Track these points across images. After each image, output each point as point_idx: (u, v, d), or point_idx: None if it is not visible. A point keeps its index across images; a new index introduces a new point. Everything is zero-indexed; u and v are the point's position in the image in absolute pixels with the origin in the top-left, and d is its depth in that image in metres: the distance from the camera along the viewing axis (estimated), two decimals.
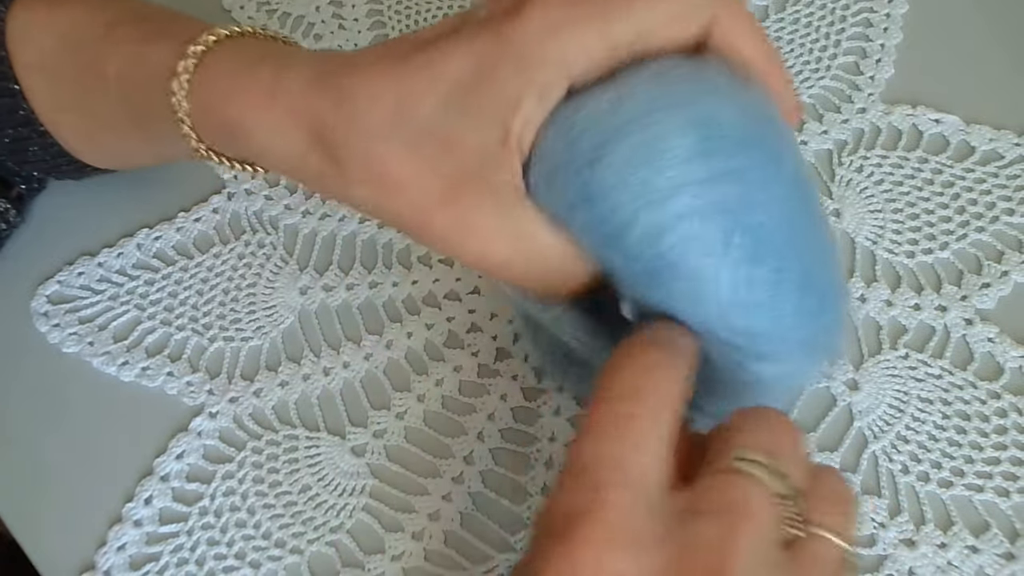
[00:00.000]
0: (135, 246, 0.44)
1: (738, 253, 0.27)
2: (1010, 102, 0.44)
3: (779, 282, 0.28)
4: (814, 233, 0.30)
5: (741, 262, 0.27)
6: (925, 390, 0.38)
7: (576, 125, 0.28)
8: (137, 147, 0.38)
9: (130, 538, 0.37)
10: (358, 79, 0.29)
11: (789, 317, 0.28)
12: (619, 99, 0.28)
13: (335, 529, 0.37)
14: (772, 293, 0.28)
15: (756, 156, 0.28)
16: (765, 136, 0.29)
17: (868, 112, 0.45)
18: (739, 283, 0.27)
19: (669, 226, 0.27)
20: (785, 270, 0.28)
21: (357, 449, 0.38)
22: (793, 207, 0.29)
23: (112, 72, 0.35)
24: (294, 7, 0.50)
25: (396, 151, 0.28)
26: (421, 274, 0.42)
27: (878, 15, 0.47)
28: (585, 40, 0.28)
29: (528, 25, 0.28)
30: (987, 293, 0.40)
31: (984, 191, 0.42)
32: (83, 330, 0.42)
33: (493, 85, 0.28)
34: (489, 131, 0.28)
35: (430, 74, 0.28)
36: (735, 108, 0.29)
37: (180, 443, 0.39)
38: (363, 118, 0.29)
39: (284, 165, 0.31)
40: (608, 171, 0.28)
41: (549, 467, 0.38)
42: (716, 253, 0.27)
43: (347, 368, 0.40)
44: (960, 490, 0.36)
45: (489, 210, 0.28)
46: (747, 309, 0.28)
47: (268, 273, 0.43)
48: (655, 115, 0.28)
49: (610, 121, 0.28)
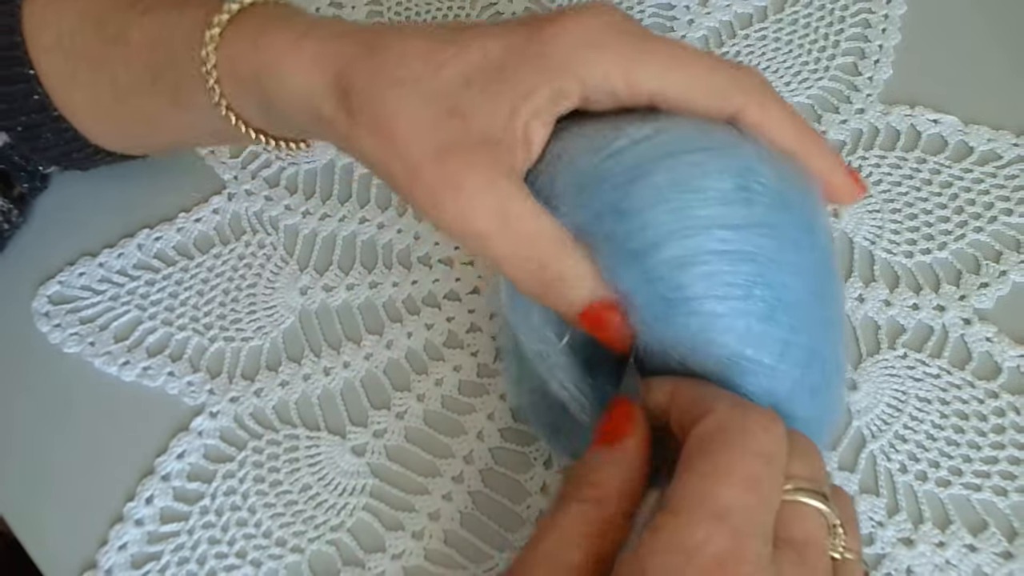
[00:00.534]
0: (136, 246, 0.44)
1: (757, 306, 0.27)
2: (1008, 102, 0.44)
3: (787, 348, 0.28)
4: (831, 311, 0.30)
5: (757, 316, 0.27)
6: (923, 389, 0.38)
7: (616, 143, 0.29)
8: (153, 117, 0.38)
9: (131, 537, 0.37)
10: (392, 39, 0.31)
11: (789, 387, 0.28)
12: (662, 129, 0.29)
13: (336, 528, 0.37)
14: (779, 358, 0.28)
15: (791, 218, 0.29)
16: (802, 204, 0.29)
17: (866, 113, 0.45)
18: (750, 337, 0.27)
19: (697, 259, 0.27)
20: (796, 337, 0.28)
21: (357, 448, 0.39)
22: (817, 278, 0.29)
23: (137, 38, 0.35)
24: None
25: (408, 107, 0.30)
26: (421, 274, 0.42)
27: (876, 16, 0.48)
28: (608, 69, 0.29)
29: (562, 34, 0.30)
30: (985, 293, 0.40)
31: (982, 191, 0.42)
32: (84, 330, 0.42)
33: (514, 75, 0.29)
34: (499, 112, 0.29)
35: (461, 51, 0.30)
36: (774, 169, 0.29)
37: (181, 442, 0.39)
38: (387, 70, 0.30)
39: (298, 106, 0.32)
40: (648, 191, 0.28)
41: (548, 466, 0.38)
42: (735, 298, 0.27)
43: (347, 368, 0.40)
44: (958, 489, 0.36)
45: (480, 176, 0.29)
46: (750, 366, 0.28)
47: (268, 273, 0.43)
48: (698, 154, 0.28)
49: (655, 148, 0.28)
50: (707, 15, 0.49)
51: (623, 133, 0.29)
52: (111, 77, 0.37)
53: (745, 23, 0.48)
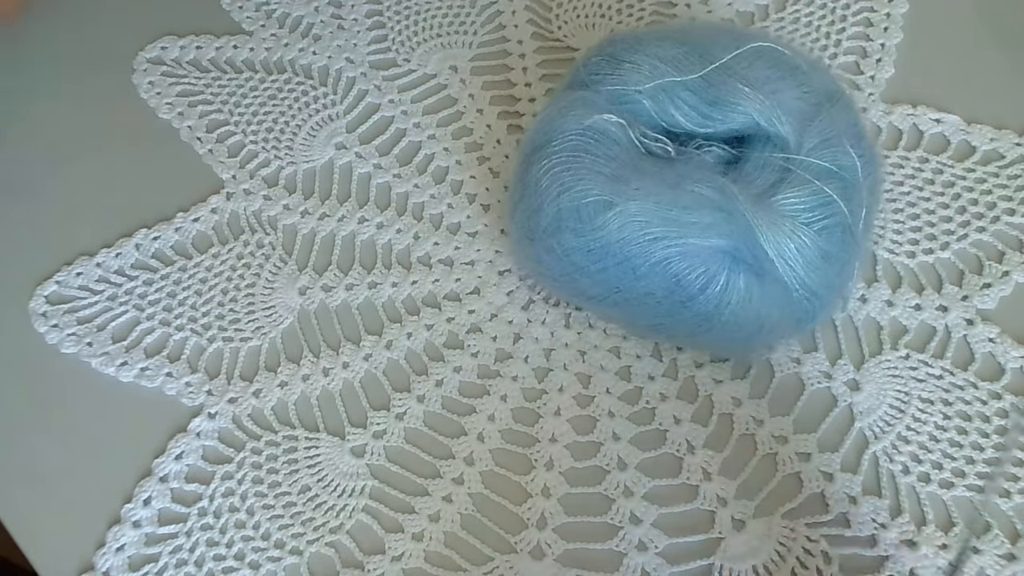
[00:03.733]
0: (134, 246, 0.43)
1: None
2: (1011, 102, 0.44)
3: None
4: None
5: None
6: (926, 390, 0.38)
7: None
8: None
9: (129, 539, 0.37)
10: None
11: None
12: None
13: (335, 530, 0.37)
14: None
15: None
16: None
17: (869, 112, 0.44)
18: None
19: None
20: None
21: (357, 450, 0.38)
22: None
23: None
24: (294, 7, 0.50)
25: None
26: (421, 274, 0.42)
27: (878, 15, 0.47)
28: None
29: None
30: (988, 293, 0.39)
31: (985, 191, 0.42)
32: (82, 331, 0.42)
33: None
34: None
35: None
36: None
37: (179, 444, 0.39)
38: None
39: None
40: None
41: (549, 468, 0.37)
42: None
43: (346, 368, 0.40)
44: (961, 491, 0.36)
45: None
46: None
47: (267, 273, 0.43)
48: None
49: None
50: (708, 14, 0.49)
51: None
52: None
53: (747, 22, 0.48)
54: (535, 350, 0.40)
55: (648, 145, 0.37)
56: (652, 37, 0.39)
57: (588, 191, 0.35)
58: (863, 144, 0.37)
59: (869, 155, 0.37)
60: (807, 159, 0.36)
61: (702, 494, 0.37)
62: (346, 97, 0.47)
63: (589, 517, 0.36)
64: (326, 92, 0.47)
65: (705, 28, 0.44)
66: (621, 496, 0.37)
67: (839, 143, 0.36)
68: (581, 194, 0.35)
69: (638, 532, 0.36)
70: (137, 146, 0.46)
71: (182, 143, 0.46)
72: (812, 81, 0.37)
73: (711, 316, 0.34)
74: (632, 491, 0.37)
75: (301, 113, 0.47)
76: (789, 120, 0.36)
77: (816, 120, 0.36)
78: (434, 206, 0.44)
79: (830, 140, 0.36)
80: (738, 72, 0.37)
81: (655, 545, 0.36)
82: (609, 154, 0.36)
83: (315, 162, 0.45)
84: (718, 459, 0.37)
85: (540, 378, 0.39)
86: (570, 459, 0.38)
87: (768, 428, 0.38)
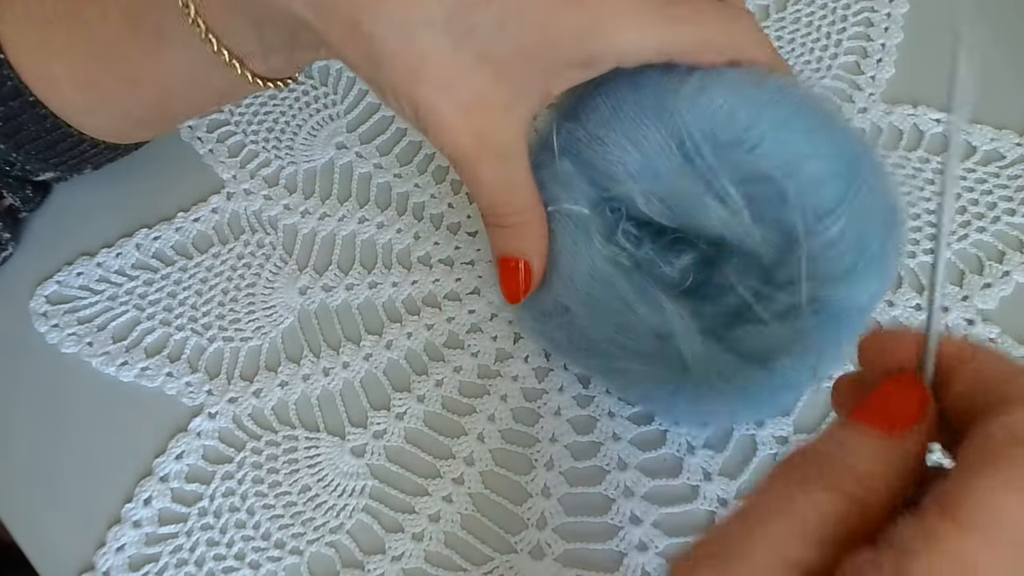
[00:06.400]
0: (134, 246, 0.43)
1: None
2: (1011, 102, 0.44)
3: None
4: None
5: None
6: None
7: (718, 97, 0.31)
8: (136, 71, 0.37)
9: (129, 539, 0.37)
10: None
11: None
12: (761, 80, 0.32)
13: (335, 530, 0.37)
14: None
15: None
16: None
17: (869, 112, 0.44)
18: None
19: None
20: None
21: (357, 450, 0.38)
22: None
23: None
24: None
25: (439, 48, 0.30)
26: (421, 274, 0.42)
27: (879, 15, 0.47)
28: (641, 38, 0.31)
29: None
30: (988, 293, 0.39)
31: (985, 191, 0.42)
32: (82, 330, 0.42)
33: (546, 31, 0.31)
34: (521, 38, 0.31)
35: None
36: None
37: (179, 443, 0.39)
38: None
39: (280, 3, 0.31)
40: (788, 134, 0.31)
41: (549, 468, 0.37)
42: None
43: (347, 368, 0.40)
44: None
45: (464, 72, 0.31)
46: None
47: (267, 273, 0.43)
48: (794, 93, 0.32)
49: (758, 97, 0.31)
50: None
51: (720, 79, 0.32)
52: (88, 35, 0.36)
53: None
54: (535, 350, 0.40)
55: (618, 240, 0.34)
56: (629, 111, 0.33)
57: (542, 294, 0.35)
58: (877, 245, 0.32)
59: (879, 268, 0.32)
60: (776, 294, 0.31)
61: (702, 494, 0.36)
62: (347, 97, 0.47)
63: (589, 517, 0.36)
64: (327, 92, 0.47)
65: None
66: (621, 496, 0.37)
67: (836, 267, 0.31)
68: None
69: (638, 532, 0.36)
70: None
71: (182, 143, 0.46)
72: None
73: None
74: (632, 491, 0.37)
75: (302, 113, 0.47)
76: (769, 237, 0.32)
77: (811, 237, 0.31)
78: (435, 206, 0.44)
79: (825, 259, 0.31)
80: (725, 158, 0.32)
81: (655, 545, 0.36)
82: (571, 249, 0.34)
83: (316, 162, 0.45)
84: (718, 459, 0.37)
85: (540, 378, 0.39)
86: (570, 459, 0.38)
87: (768, 428, 0.38)
